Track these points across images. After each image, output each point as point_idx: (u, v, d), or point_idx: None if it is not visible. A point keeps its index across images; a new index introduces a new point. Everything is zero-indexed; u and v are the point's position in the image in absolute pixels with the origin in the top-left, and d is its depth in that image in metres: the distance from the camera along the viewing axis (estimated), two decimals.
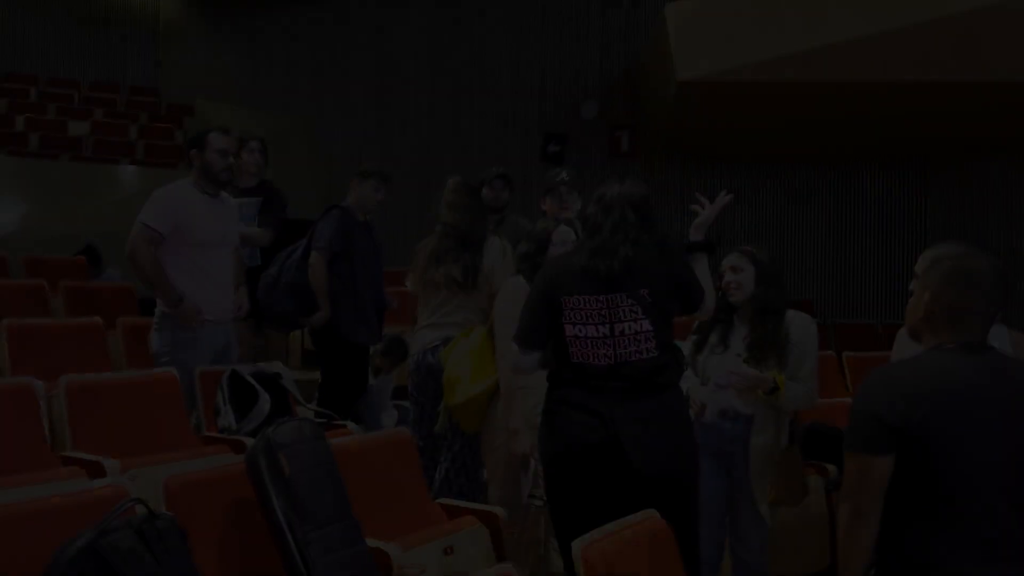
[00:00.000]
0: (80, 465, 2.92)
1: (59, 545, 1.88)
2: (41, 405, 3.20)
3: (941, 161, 9.16)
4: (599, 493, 2.58)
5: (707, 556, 3.05)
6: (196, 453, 3.28)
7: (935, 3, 6.67)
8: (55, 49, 13.64)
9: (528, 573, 3.01)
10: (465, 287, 3.73)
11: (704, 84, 7.65)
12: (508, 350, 3.03)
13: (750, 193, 9.97)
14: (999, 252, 8.24)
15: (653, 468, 2.52)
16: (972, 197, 8.95)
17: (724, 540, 3.16)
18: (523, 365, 2.71)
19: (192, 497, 2.39)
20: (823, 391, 3.36)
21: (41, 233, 7.97)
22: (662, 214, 10.29)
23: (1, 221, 8.12)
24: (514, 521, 2.94)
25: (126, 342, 4.59)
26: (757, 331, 3.04)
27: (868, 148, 9.18)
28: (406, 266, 4.30)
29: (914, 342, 2.01)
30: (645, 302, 2.55)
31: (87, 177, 9.03)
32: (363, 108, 12.19)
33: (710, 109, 8.24)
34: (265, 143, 4.96)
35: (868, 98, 7.40)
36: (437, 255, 3.81)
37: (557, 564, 2.85)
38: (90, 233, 7.67)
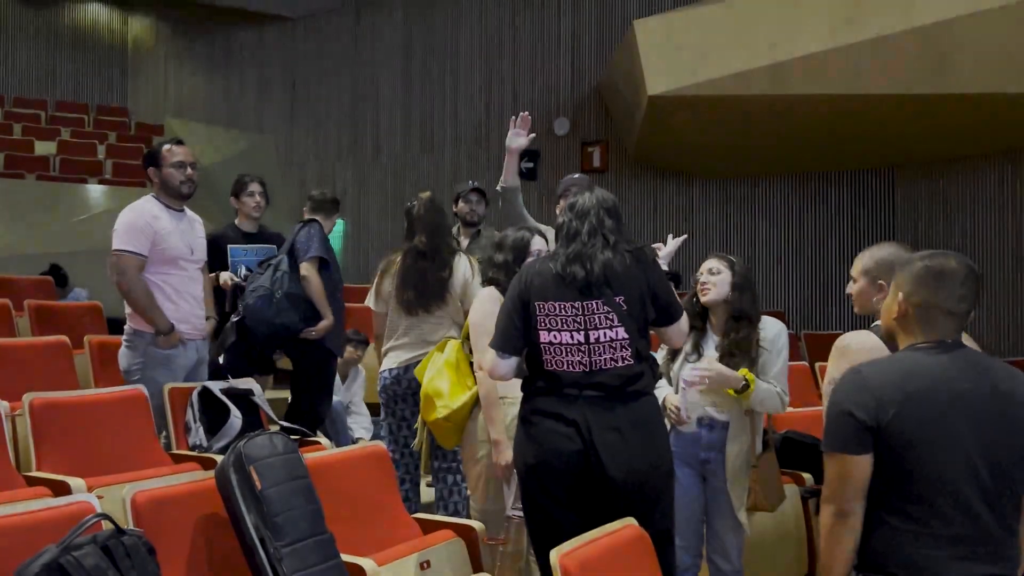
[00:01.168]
0: (46, 485, 2.84)
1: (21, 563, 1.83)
2: (5, 425, 3.12)
3: (909, 173, 9.28)
4: (576, 502, 2.55)
5: (684, 564, 3.03)
6: (166, 471, 3.21)
7: (903, 16, 6.74)
8: (22, 68, 13.52)
9: None
10: (428, 308, 3.72)
11: (674, 99, 7.70)
12: (486, 361, 3.01)
13: (721, 206, 10.05)
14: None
15: (630, 476, 2.50)
16: (940, 208, 9.07)
17: (701, 548, 3.14)
18: (501, 371, 2.67)
19: (160, 512, 2.33)
20: (796, 401, 3.37)
21: (7, 252, 7.84)
22: (633, 229, 10.33)
23: None
24: (496, 534, 2.90)
25: (94, 361, 4.50)
26: (730, 336, 3.04)
27: (837, 160, 9.27)
28: None
29: (855, 350, 2.01)
30: (620, 310, 2.53)
31: (54, 196, 8.91)
32: (336, 126, 12.17)
33: (680, 123, 8.29)
34: (265, 184, 4.71)
35: (837, 111, 7.47)
36: (403, 275, 3.79)
37: None
38: (57, 251, 7.57)
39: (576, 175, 4.34)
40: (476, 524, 2.92)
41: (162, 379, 3.71)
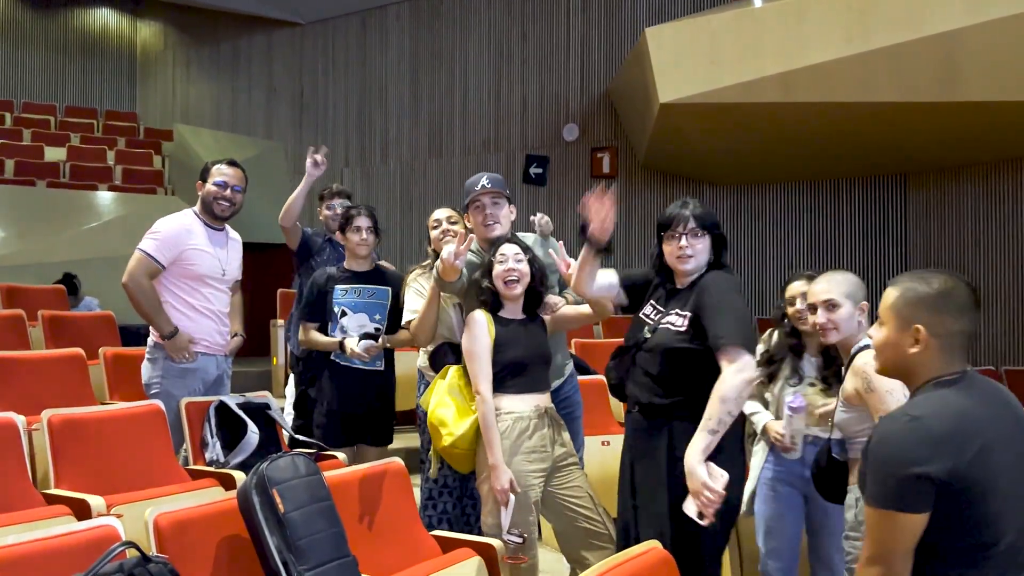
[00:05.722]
0: (65, 504, 2.84)
1: None
2: (23, 441, 3.12)
3: (921, 179, 9.26)
4: None
5: None
6: (183, 488, 3.21)
7: (914, 25, 6.73)
8: (31, 75, 13.56)
9: None
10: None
11: (685, 106, 7.68)
12: (484, 384, 3.01)
13: (731, 212, 10.02)
14: (978, 270, 8.16)
15: None
16: (951, 216, 9.04)
17: (796, 569, 3.16)
18: (753, 372, 2.53)
19: (183, 535, 2.32)
20: None
21: (19, 260, 7.83)
22: (642, 235, 10.25)
23: None
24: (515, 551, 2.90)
25: (109, 373, 4.51)
26: (830, 360, 3.05)
27: (847, 167, 9.25)
28: None
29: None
30: None
31: (64, 203, 8.90)
32: (344, 133, 12.17)
33: (691, 130, 8.28)
34: (375, 216, 4.19)
35: (848, 119, 7.44)
36: None
37: None
38: (68, 259, 7.56)
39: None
40: (495, 542, 2.91)
41: (180, 393, 3.69)
